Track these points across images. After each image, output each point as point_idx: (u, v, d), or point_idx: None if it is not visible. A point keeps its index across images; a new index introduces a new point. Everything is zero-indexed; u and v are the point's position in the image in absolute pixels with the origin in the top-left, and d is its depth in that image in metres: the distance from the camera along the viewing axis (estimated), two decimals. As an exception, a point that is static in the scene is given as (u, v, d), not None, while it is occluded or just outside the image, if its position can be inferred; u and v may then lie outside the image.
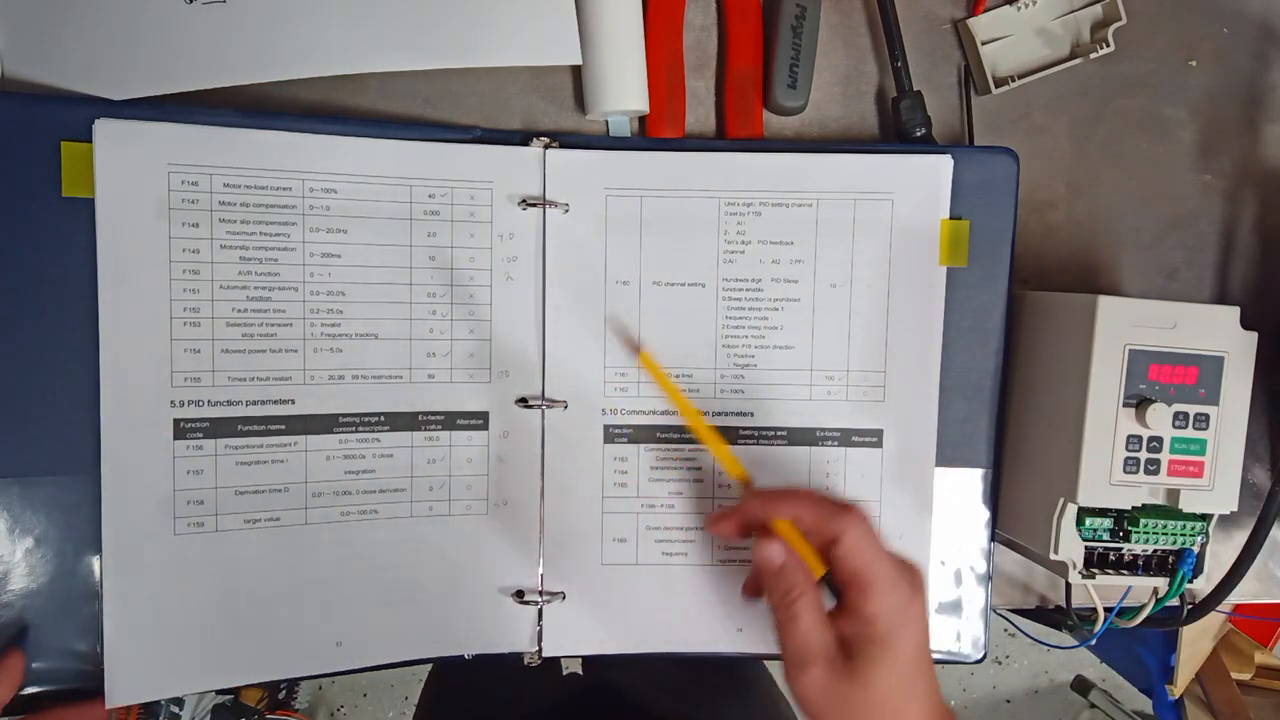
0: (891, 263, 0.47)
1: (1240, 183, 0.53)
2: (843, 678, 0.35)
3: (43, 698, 0.41)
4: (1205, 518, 0.44)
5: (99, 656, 0.41)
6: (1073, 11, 0.51)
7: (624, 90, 0.46)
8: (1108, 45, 0.50)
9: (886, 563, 0.36)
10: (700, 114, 0.49)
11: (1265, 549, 0.44)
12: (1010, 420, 0.49)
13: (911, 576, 0.36)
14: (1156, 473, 0.43)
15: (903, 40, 0.48)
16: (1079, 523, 0.44)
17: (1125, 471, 0.43)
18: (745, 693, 0.62)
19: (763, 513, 0.39)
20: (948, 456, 0.48)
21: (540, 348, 0.46)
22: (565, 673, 0.62)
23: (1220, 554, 0.47)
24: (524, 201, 0.45)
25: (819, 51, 0.49)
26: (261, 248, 0.42)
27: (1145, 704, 1.16)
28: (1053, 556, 0.44)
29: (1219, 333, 0.43)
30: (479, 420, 0.46)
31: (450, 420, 0.45)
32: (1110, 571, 0.45)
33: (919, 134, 0.48)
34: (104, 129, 0.40)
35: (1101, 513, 0.45)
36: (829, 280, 0.47)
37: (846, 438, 0.48)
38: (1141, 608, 0.48)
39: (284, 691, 1.35)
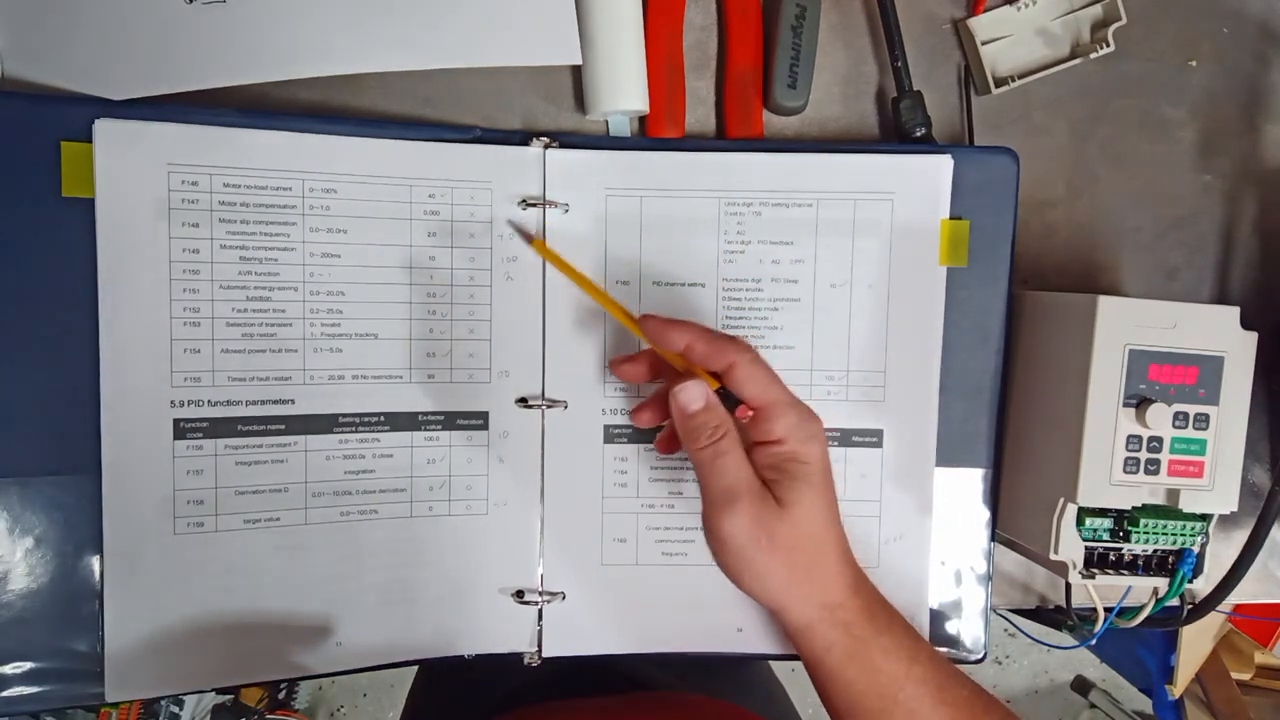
0: (891, 263, 0.47)
1: (1240, 183, 0.53)
2: (768, 509, 0.36)
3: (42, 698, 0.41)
4: (1205, 518, 0.44)
5: (99, 656, 0.41)
6: (1073, 11, 0.51)
7: (624, 90, 0.46)
8: (1108, 45, 0.50)
9: (780, 386, 0.37)
10: (700, 114, 0.49)
11: (1265, 549, 0.44)
12: (1010, 420, 0.49)
13: (804, 404, 0.39)
14: (1156, 473, 0.43)
15: (903, 40, 0.48)
16: (1079, 523, 0.44)
17: (1125, 471, 0.43)
18: (735, 671, 0.62)
19: (657, 340, 0.39)
20: (948, 456, 0.48)
21: (540, 348, 0.46)
22: None
23: (1220, 554, 0.47)
24: (524, 201, 0.45)
25: (819, 51, 0.49)
26: (261, 248, 0.42)
27: (1145, 704, 1.16)
28: (1053, 556, 0.44)
29: (1219, 333, 0.43)
30: (479, 420, 0.46)
31: (450, 420, 0.45)
32: (1110, 571, 0.45)
33: (919, 134, 0.48)
34: (104, 129, 0.40)
35: (1101, 513, 0.45)
36: (829, 280, 0.47)
37: (846, 438, 0.48)
38: (1141, 608, 0.48)
39: (284, 691, 1.35)
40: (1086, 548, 0.45)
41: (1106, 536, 0.45)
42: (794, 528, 0.36)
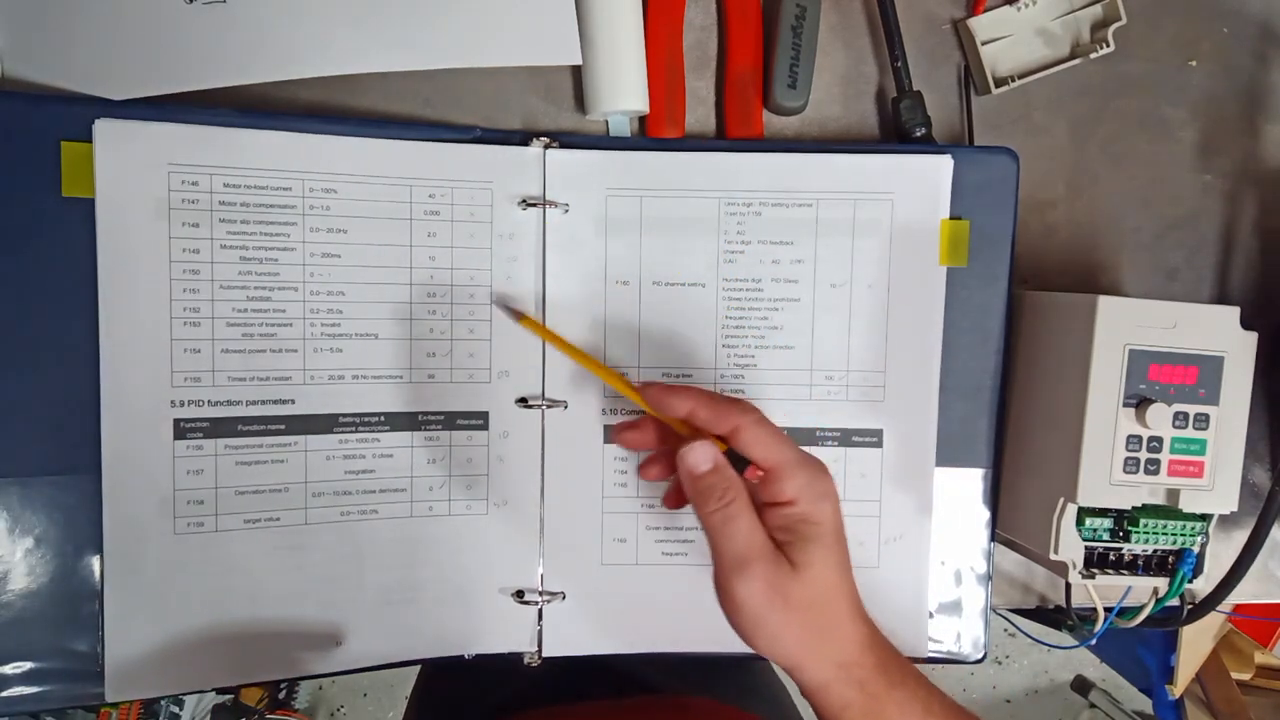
0: (891, 263, 0.47)
1: (1240, 183, 0.53)
2: (781, 572, 0.35)
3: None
4: (1205, 518, 0.44)
5: (99, 656, 0.41)
6: (1073, 11, 0.51)
7: (624, 90, 0.46)
8: (1108, 45, 0.50)
9: (789, 445, 0.36)
10: (700, 114, 0.49)
11: (1265, 549, 0.44)
12: (1010, 420, 0.49)
13: (814, 459, 0.37)
14: (1156, 473, 0.43)
15: (903, 40, 0.48)
16: (1079, 523, 0.44)
17: (1125, 471, 0.43)
18: (738, 673, 0.62)
19: (659, 407, 0.39)
20: (948, 456, 0.48)
21: (540, 348, 0.46)
22: None
23: (1220, 554, 0.47)
24: (524, 201, 0.45)
25: (819, 51, 0.49)
26: (261, 248, 0.42)
27: (1145, 704, 1.16)
28: (1053, 556, 0.44)
29: (1219, 333, 0.43)
30: (479, 420, 0.46)
31: (450, 420, 0.45)
32: (1110, 571, 0.45)
33: (919, 134, 0.48)
34: (104, 129, 0.40)
35: (1101, 513, 0.45)
36: (829, 280, 0.47)
37: (846, 438, 0.48)
38: (1141, 608, 0.48)
39: (284, 691, 1.35)
40: (1086, 548, 0.45)
41: (1106, 536, 0.45)
42: (807, 588, 0.35)
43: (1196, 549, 0.45)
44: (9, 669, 0.40)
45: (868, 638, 0.37)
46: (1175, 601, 0.46)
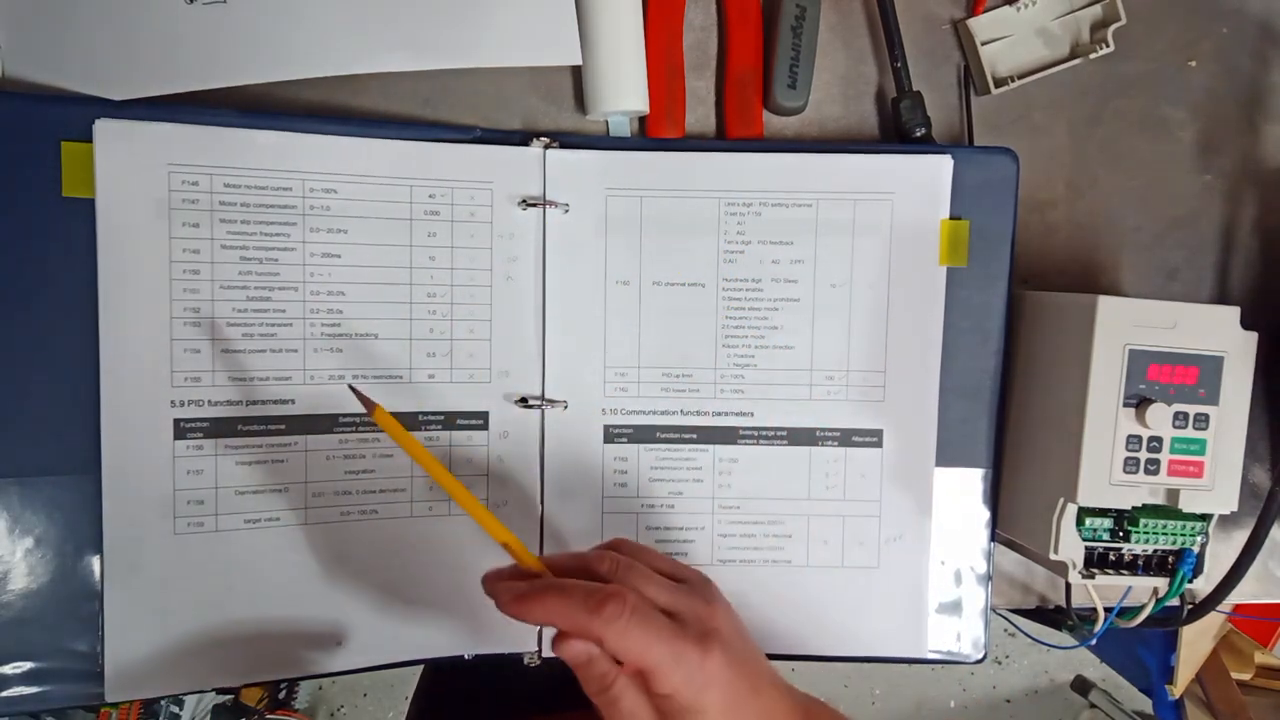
0: (891, 263, 0.47)
1: (1240, 183, 0.53)
2: None
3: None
4: (1205, 518, 0.44)
5: (99, 656, 0.41)
6: (1073, 11, 0.51)
7: (624, 90, 0.46)
8: (1108, 45, 0.50)
9: (659, 642, 0.33)
10: (700, 114, 0.49)
11: (1265, 549, 0.44)
12: (1010, 420, 0.49)
13: (697, 634, 0.34)
14: (1156, 473, 0.43)
15: (902, 40, 0.48)
16: (1079, 523, 0.44)
17: (1125, 471, 0.43)
18: None
19: (516, 616, 0.35)
20: (948, 456, 0.48)
21: (540, 348, 0.46)
22: None
23: (1220, 554, 0.47)
24: (524, 201, 0.45)
25: (819, 51, 0.49)
26: (261, 248, 0.42)
27: (1145, 704, 1.16)
28: (1053, 556, 0.44)
29: (1219, 333, 0.43)
30: (479, 420, 0.46)
31: (450, 420, 0.45)
32: (1110, 571, 0.45)
33: (919, 134, 0.48)
34: (104, 129, 0.40)
35: (1101, 513, 0.45)
36: (829, 280, 0.47)
37: (846, 438, 0.48)
38: (1141, 608, 0.48)
39: (284, 691, 1.35)
40: (1086, 548, 0.45)
41: (1106, 536, 0.45)
42: None
43: (1196, 549, 0.45)
44: (9, 669, 0.40)
45: None
46: (1175, 601, 0.46)
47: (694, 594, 0.36)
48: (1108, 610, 0.48)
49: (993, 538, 0.49)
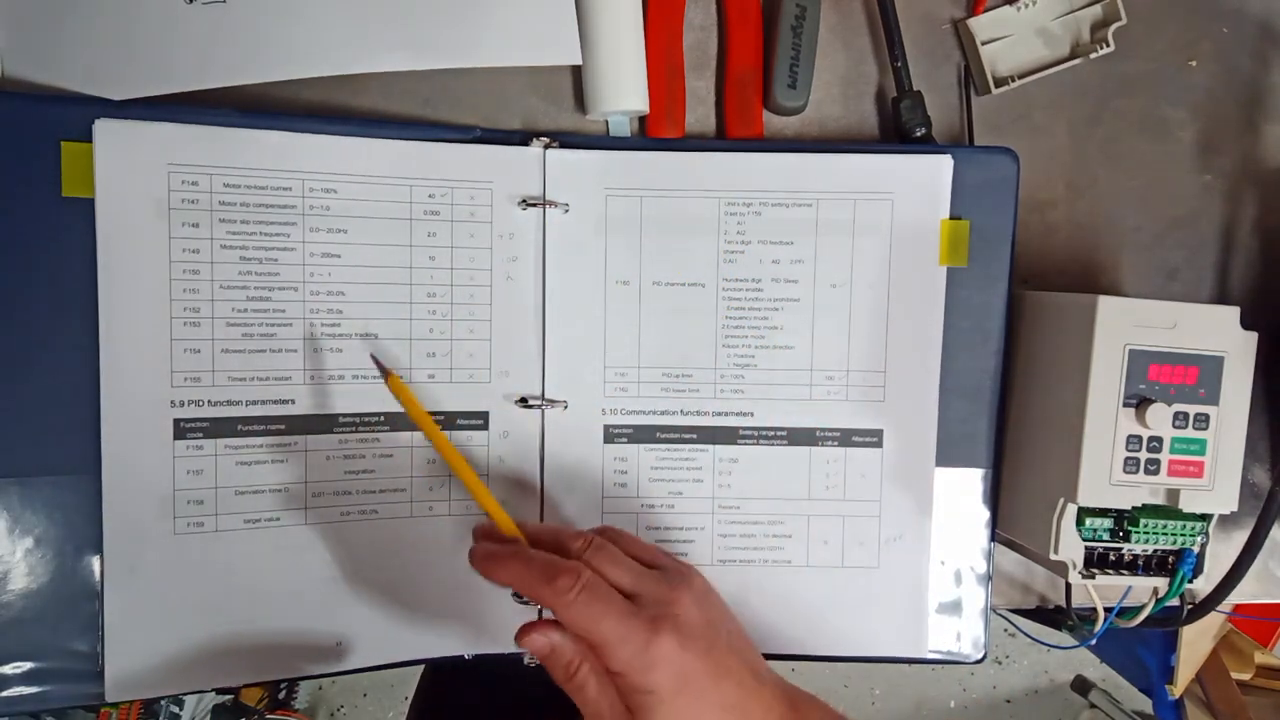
0: (891, 263, 0.47)
1: (1240, 183, 0.53)
2: None
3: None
4: (1205, 518, 0.44)
5: (99, 656, 0.41)
6: (1073, 11, 0.51)
7: (624, 90, 0.46)
8: (1108, 45, 0.50)
9: (606, 619, 0.34)
10: (700, 114, 0.49)
11: (1265, 549, 0.44)
12: (1010, 420, 0.49)
13: (650, 617, 0.35)
14: (1156, 473, 0.43)
15: (903, 40, 0.48)
16: (1079, 523, 0.44)
17: (1125, 471, 0.43)
18: None
19: (483, 574, 0.37)
20: (948, 456, 0.48)
21: (540, 348, 0.46)
22: None
23: (1220, 554, 0.47)
24: (524, 201, 0.45)
25: (819, 51, 0.49)
26: (261, 248, 0.42)
27: (1145, 704, 1.16)
28: (1053, 556, 0.44)
29: (1219, 333, 0.43)
30: (479, 420, 0.46)
31: (450, 420, 0.45)
32: (1110, 571, 0.45)
33: (919, 134, 0.48)
34: (104, 129, 0.40)
35: (1101, 513, 0.45)
36: (829, 280, 0.47)
37: (846, 438, 0.48)
38: (1141, 608, 0.48)
39: (284, 691, 1.34)
40: (1086, 548, 0.45)
41: (1106, 536, 0.45)
42: None
43: (1196, 549, 0.45)
44: (9, 669, 0.40)
45: None
46: (1175, 601, 0.46)
47: (661, 580, 0.37)
48: (1108, 610, 0.48)
49: (993, 538, 0.49)
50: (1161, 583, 0.45)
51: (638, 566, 0.37)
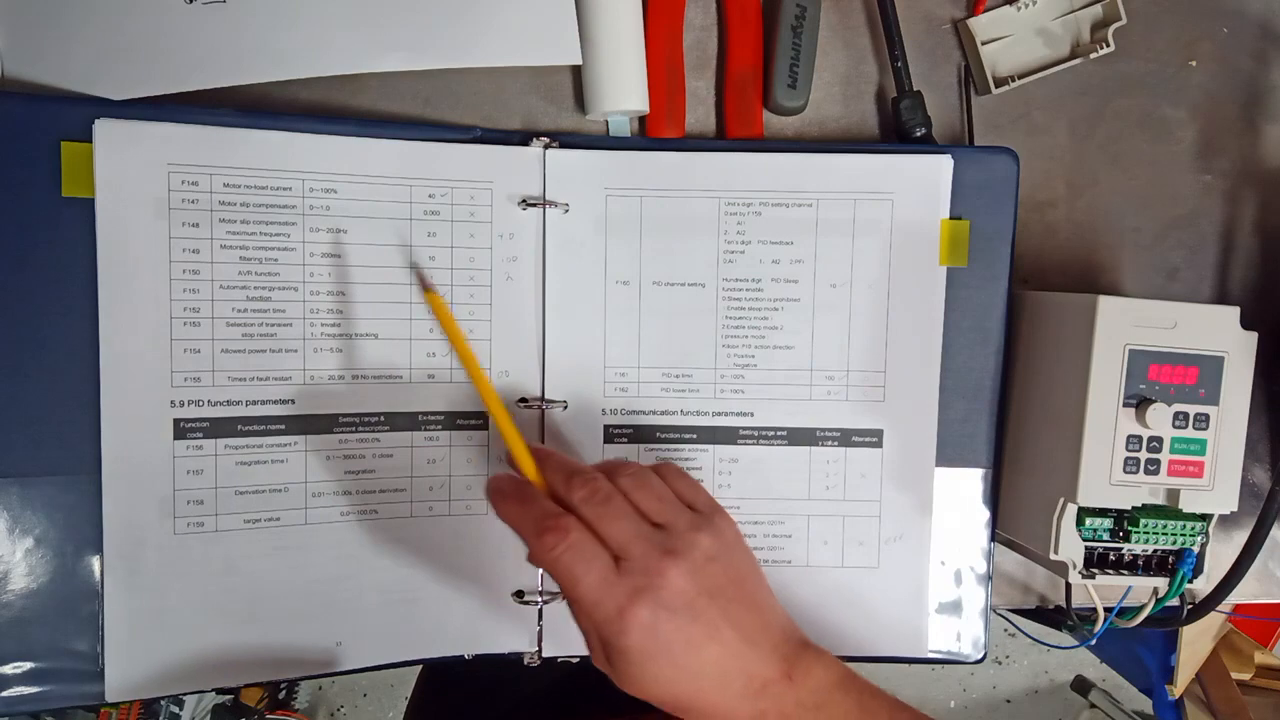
0: (891, 263, 0.47)
1: (1240, 183, 0.53)
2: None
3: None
4: (1205, 518, 0.44)
5: (99, 656, 0.41)
6: (1073, 11, 0.51)
7: (624, 90, 0.46)
8: (1108, 45, 0.50)
9: (582, 581, 0.34)
10: (700, 114, 0.49)
11: (1265, 549, 0.44)
12: (1010, 420, 0.49)
13: (630, 587, 0.34)
14: (1156, 473, 0.43)
15: (903, 40, 0.48)
16: (1079, 523, 0.44)
17: (1125, 471, 0.43)
18: None
19: (491, 505, 0.38)
20: (948, 456, 0.48)
21: (540, 348, 0.46)
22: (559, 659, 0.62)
23: (1220, 554, 0.47)
24: (524, 201, 0.45)
25: (819, 51, 0.49)
26: (261, 248, 0.42)
27: (1145, 704, 1.16)
28: (1053, 556, 0.44)
29: (1219, 333, 0.43)
30: (479, 420, 0.46)
31: (450, 420, 0.45)
32: (1110, 571, 0.45)
33: (919, 134, 0.48)
34: (104, 129, 0.40)
35: (1101, 513, 0.45)
36: (829, 280, 0.47)
37: (846, 438, 0.48)
38: (1141, 608, 0.48)
39: (284, 691, 1.35)
40: (1086, 548, 0.45)
41: (1106, 536, 0.45)
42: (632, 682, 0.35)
43: (1196, 549, 0.45)
44: (9, 669, 0.40)
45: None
46: (1175, 601, 0.46)
47: (654, 544, 0.35)
48: (1108, 610, 0.48)
49: (993, 538, 0.49)
50: (1161, 583, 0.45)
51: (634, 526, 0.35)
